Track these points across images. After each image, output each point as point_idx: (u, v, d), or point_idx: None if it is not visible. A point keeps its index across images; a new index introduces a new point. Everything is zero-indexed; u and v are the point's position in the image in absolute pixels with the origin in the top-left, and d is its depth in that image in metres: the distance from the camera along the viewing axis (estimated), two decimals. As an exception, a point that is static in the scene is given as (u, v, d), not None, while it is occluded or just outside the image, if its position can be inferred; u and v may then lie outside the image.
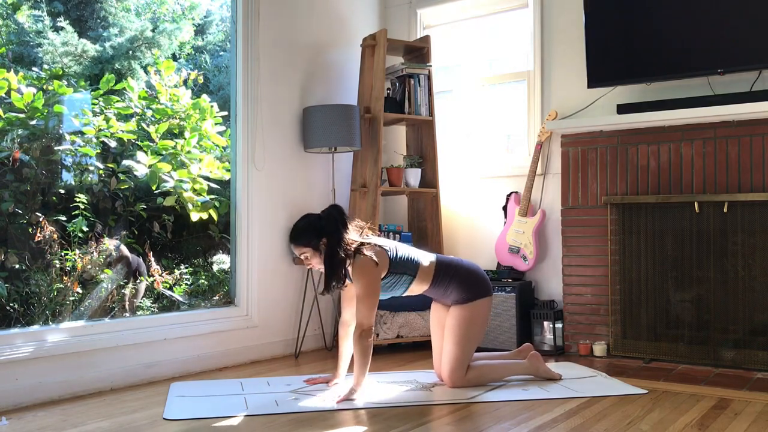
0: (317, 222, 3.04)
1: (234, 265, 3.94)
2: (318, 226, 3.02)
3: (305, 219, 3.11)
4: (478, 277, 3.21)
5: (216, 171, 4.30)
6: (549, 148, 4.22)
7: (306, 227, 3.05)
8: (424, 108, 4.38)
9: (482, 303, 3.15)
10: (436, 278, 3.13)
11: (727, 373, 3.41)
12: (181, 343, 3.55)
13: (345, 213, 3.08)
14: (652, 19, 3.76)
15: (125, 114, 4.17)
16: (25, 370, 2.94)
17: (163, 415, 2.74)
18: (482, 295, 3.15)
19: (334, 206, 3.09)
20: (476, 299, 3.13)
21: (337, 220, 3.02)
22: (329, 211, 3.07)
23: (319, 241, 3.01)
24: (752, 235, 3.51)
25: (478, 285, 3.17)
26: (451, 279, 3.14)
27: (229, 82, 4.18)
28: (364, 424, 2.60)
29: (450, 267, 3.17)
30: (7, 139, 3.66)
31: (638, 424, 2.53)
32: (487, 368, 3.18)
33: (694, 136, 3.67)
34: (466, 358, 3.11)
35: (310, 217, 3.12)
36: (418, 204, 4.58)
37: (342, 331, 3.24)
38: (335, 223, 3.01)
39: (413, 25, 4.82)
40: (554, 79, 4.23)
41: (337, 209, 3.07)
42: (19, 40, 4.11)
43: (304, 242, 3.03)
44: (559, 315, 4.01)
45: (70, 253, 3.67)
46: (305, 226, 3.06)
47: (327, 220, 3.03)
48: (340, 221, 3.02)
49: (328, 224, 3.01)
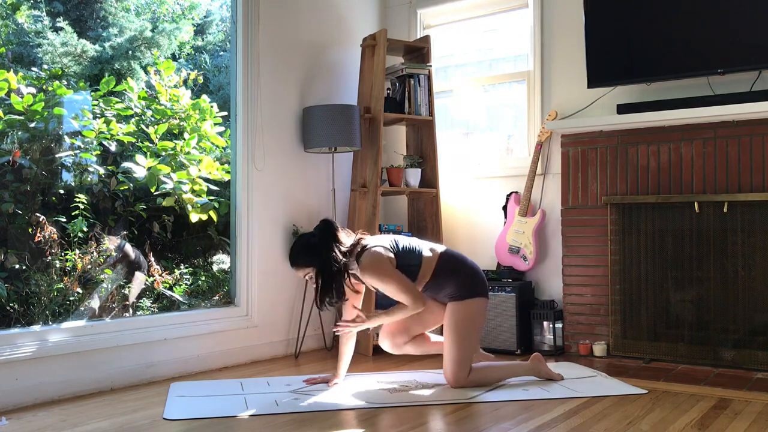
0: (312, 239, 3.03)
1: (234, 265, 3.94)
2: (313, 244, 3.01)
3: (299, 241, 3.10)
4: (479, 277, 3.20)
5: (215, 172, 4.29)
6: (549, 148, 4.22)
7: (301, 249, 3.04)
8: (424, 108, 4.38)
9: (478, 302, 3.13)
10: (438, 270, 3.11)
11: (727, 373, 3.41)
12: (181, 343, 3.55)
13: (336, 226, 3.06)
14: (652, 19, 3.76)
15: (125, 115, 4.17)
16: (25, 370, 2.94)
17: (163, 415, 2.74)
18: (479, 294, 3.14)
19: (324, 221, 3.08)
20: (473, 297, 3.12)
21: (328, 235, 3.01)
22: (322, 225, 3.06)
23: (318, 259, 2.99)
24: (752, 235, 3.51)
25: (476, 284, 3.16)
26: (452, 273, 3.13)
27: (229, 82, 4.18)
28: (364, 424, 2.60)
29: (455, 260, 3.16)
30: (7, 140, 3.66)
31: (638, 424, 2.53)
32: (489, 369, 3.18)
33: (694, 136, 3.67)
34: (468, 357, 3.10)
35: (302, 238, 3.12)
36: (418, 204, 4.58)
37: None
38: (330, 237, 3.00)
39: (413, 25, 4.82)
40: (554, 79, 4.23)
41: (328, 224, 3.06)
42: (19, 40, 4.11)
43: (304, 263, 3.02)
44: (559, 315, 4.01)
45: (70, 253, 3.67)
46: (300, 247, 3.05)
47: (321, 235, 3.02)
48: (332, 236, 3.01)
49: (322, 239, 3.01)
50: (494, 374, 3.18)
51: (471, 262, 3.24)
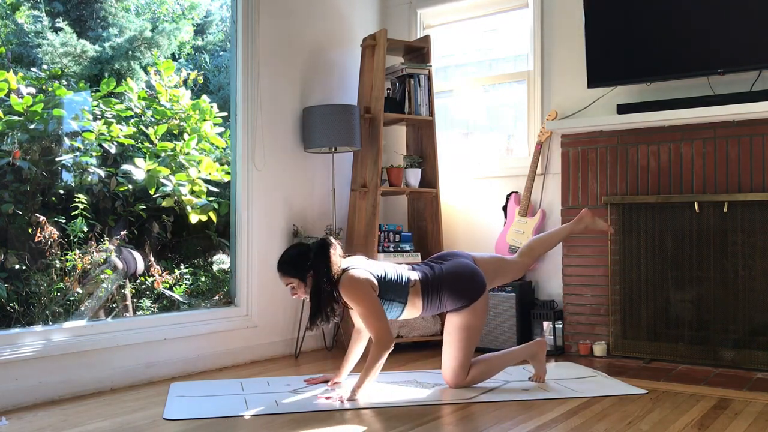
0: (307, 253, 2.98)
1: (234, 265, 3.94)
2: (307, 258, 2.96)
3: (295, 249, 3.06)
4: (465, 281, 3.08)
5: (215, 173, 4.29)
6: (549, 148, 4.22)
7: (294, 258, 2.99)
8: (424, 108, 4.38)
9: (477, 305, 3.08)
10: (426, 298, 3.05)
11: (727, 373, 3.41)
12: (181, 343, 3.55)
13: (335, 248, 2.99)
14: (652, 20, 3.76)
15: (125, 116, 4.17)
16: (25, 370, 2.94)
17: (163, 415, 2.74)
18: (475, 298, 3.06)
19: (324, 239, 3.03)
20: (470, 305, 3.07)
21: (327, 254, 2.95)
22: (320, 243, 3.00)
23: (307, 274, 2.95)
24: (752, 235, 3.51)
25: (467, 290, 3.07)
26: (440, 293, 3.05)
27: (229, 82, 4.18)
28: (364, 424, 2.60)
29: (434, 282, 3.05)
30: (7, 141, 3.66)
31: (638, 424, 2.53)
32: (486, 365, 3.16)
33: (694, 136, 3.67)
34: (468, 360, 3.10)
35: (300, 247, 3.07)
36: (418, 204, 4.58)
37: (355, 335, 3.22)
38: (324, 258, 2.94)
39: (413, 25, 4.82)
40: (554, 79, 4.23)
41: (327, 243, 2.99)
42: (19, 40, 4.11)
43: (291, 273, 2.97)
44: (559, 315, 4.01)
45: (70, 254, 3.67)
46: (294, 256, 3.00)
47: (316, 253, 2.96)
48: (329, 256, 2.95)
49: (317, 257, 2.95)
50: (492, 369, 3.17)
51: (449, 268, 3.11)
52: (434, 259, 3.25)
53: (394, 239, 4.29)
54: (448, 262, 3.15)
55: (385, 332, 2.91)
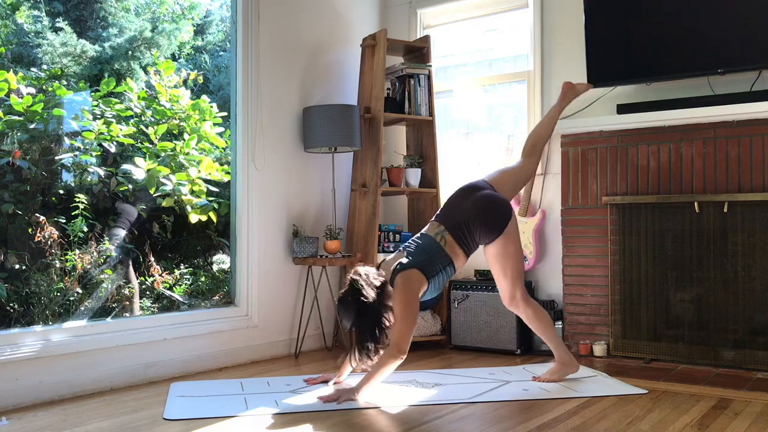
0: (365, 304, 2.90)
1: (234, 265, 3.94)
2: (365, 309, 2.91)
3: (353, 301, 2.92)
4: (489, 215, 3.13)
5: (215, 173, 4.29)
6: (549, 148, 4.22)
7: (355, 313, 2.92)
8: (424, 108, 4.38)
9: (508, 232, 3.12)
10: (462, 246, 3.10)
11: (727, 373, 3.41)
12: (181, 343, 3.55)
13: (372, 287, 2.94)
14: (652, 19, 3.76)
15: (125, 116, 4.17)
16: (25, 370, 2.94)
17: (163, 415, 2.74)
18: (505, 224, 3.11)
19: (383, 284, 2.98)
20: (502, 230, 3.11)
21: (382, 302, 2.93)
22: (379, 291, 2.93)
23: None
24: (752, 235, 3.51)
25: (496, 219, 3.12)
26: (471, 234, 3.11)
27: (229, 82, 4.18)
28: (364, 424, 2.60)
29: (462, 228, 3.11)
30: (7, 141, 3.66)
31: (638, 424, 2.53)
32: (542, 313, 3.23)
33: (694, 136, 3.67)
34: (518, 278, 3.18)
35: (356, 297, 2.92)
36: (418, 204, 4.58)
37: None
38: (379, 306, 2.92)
39: (413, 25, 4.82)
40: (554, 79, 4.23)
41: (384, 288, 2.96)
42: (19, 40, 4.11)
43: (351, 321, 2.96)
44: (559, 315, 4.01)
45: (69, 254, 3.67)
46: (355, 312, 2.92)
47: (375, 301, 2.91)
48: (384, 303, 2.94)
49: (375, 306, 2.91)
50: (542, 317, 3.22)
51: (469, 208, 3.14)
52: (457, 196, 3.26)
53: (394, 239, 4.30)
54: (467, 202, 3.17)
55: (406, 340, 2.93)
